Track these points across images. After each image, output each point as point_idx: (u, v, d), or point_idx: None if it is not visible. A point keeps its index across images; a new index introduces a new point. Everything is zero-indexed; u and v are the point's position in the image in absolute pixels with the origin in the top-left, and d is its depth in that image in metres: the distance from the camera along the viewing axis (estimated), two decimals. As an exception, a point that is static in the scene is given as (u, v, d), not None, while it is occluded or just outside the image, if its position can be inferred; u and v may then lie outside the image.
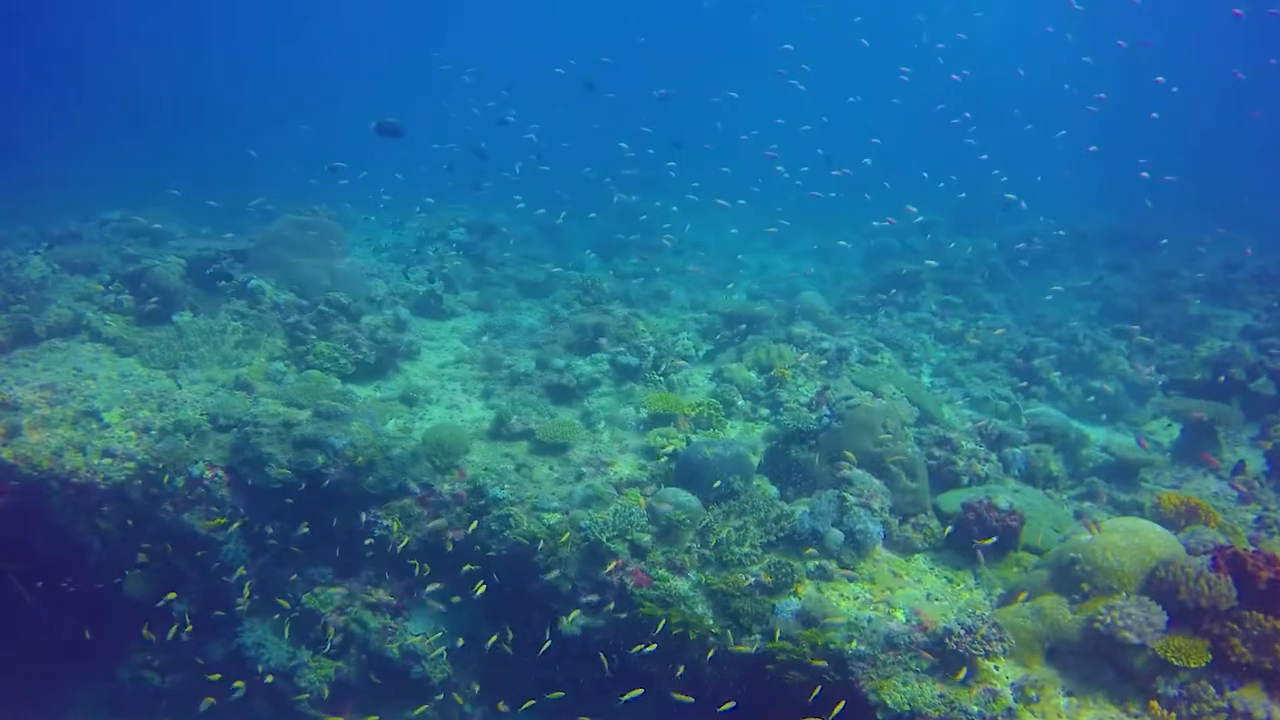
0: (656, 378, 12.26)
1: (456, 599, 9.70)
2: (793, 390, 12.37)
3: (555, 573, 9.11)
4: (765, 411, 12.19)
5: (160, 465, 9.77)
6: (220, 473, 10.00)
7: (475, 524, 9.68)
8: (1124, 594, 7.59)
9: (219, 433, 10.38)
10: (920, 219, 26.89)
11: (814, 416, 10.51)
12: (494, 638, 9.22)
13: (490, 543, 9.48)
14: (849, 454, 9.85)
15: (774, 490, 10.04)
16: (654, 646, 8.39)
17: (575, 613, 9.01)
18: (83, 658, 11.63)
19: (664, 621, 8.52)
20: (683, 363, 12.72)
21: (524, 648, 9.56)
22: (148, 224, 19.74)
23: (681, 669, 8.48)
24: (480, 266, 18.55)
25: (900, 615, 8.11)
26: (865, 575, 8.99)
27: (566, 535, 9.19)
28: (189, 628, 9.89)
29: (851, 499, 9.28)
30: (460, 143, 17.77)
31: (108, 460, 10.09)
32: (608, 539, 9.02)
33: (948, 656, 7.37)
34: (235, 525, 9.75)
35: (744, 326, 14.89)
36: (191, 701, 10.72)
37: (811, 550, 9.01)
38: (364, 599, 9.97)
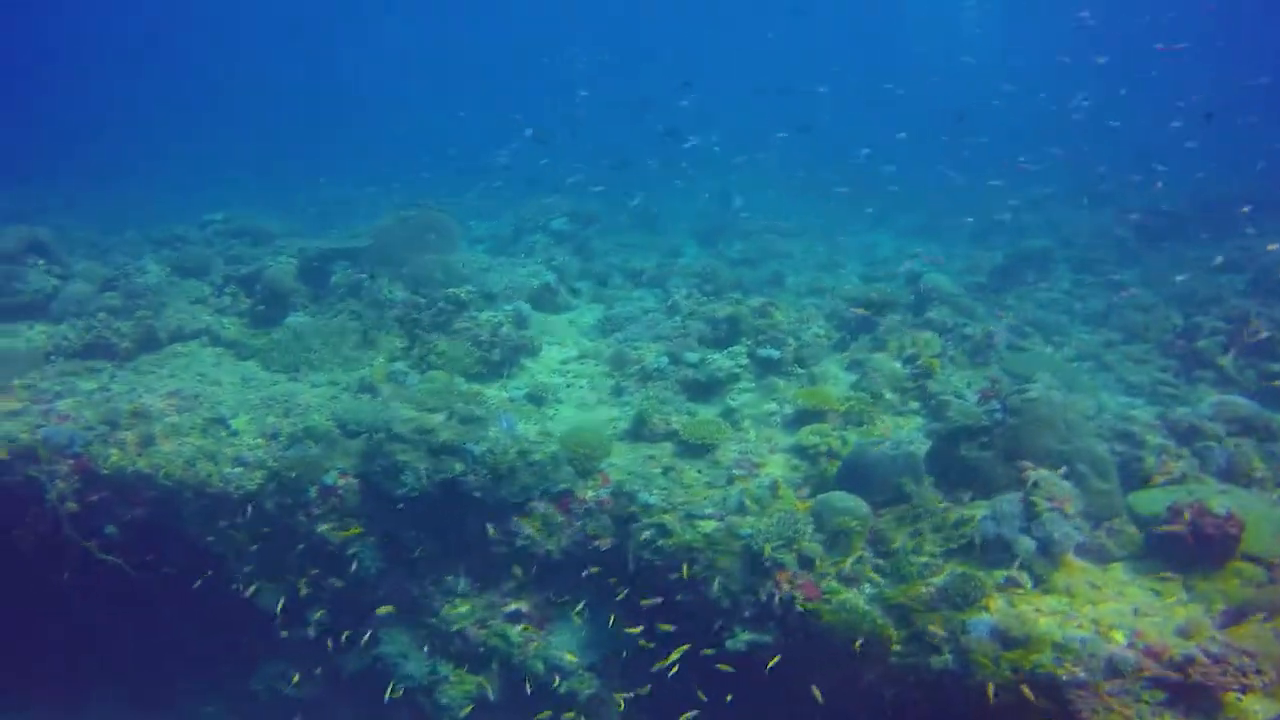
0: (798, 371, 11.47)
1: (603, 612, 9.16)
2: (943, 381, 11.45)
3: (716, 586, 8.43)
4: (915, 404, 11.30)
5: (293, 474, 9.38)
6: (352, 481, 9.58)
7: (623, 532, 9.08)
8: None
9: (348, 439, 9.96)
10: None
11: (983, 411, 9.62)
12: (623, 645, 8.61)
13: (641, 552, 8.85)
14: (1038, 450, 8.94)
15: (934, 495, 9.19)
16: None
17: (741, 630, 8.33)
18: (215, 667, 11.44)
19: (840, 636, 7.82)
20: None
21: (681, 666, 8.95)
22: (250, 224, 19.73)
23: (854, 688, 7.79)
24: (585, 257, 17.97)
25: (1120, 636, 7.21)
26: (1060, 587, 8.09)
27: (726, 545, 8.51)
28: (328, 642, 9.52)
29: (1042, 503, 8.38)
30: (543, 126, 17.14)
31: (239, 469, 9.77)
32: (772, 549, 8.32)
33: (1189, 690, 6.47)
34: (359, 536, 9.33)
35: (873, 312, 13.99)
36: (326, 711, 10.44)
37: (999, 559, 8.17)
38: (505, 611, 9.46)
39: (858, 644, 7.76)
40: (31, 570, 9.96)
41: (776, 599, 8.30)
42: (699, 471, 9.66)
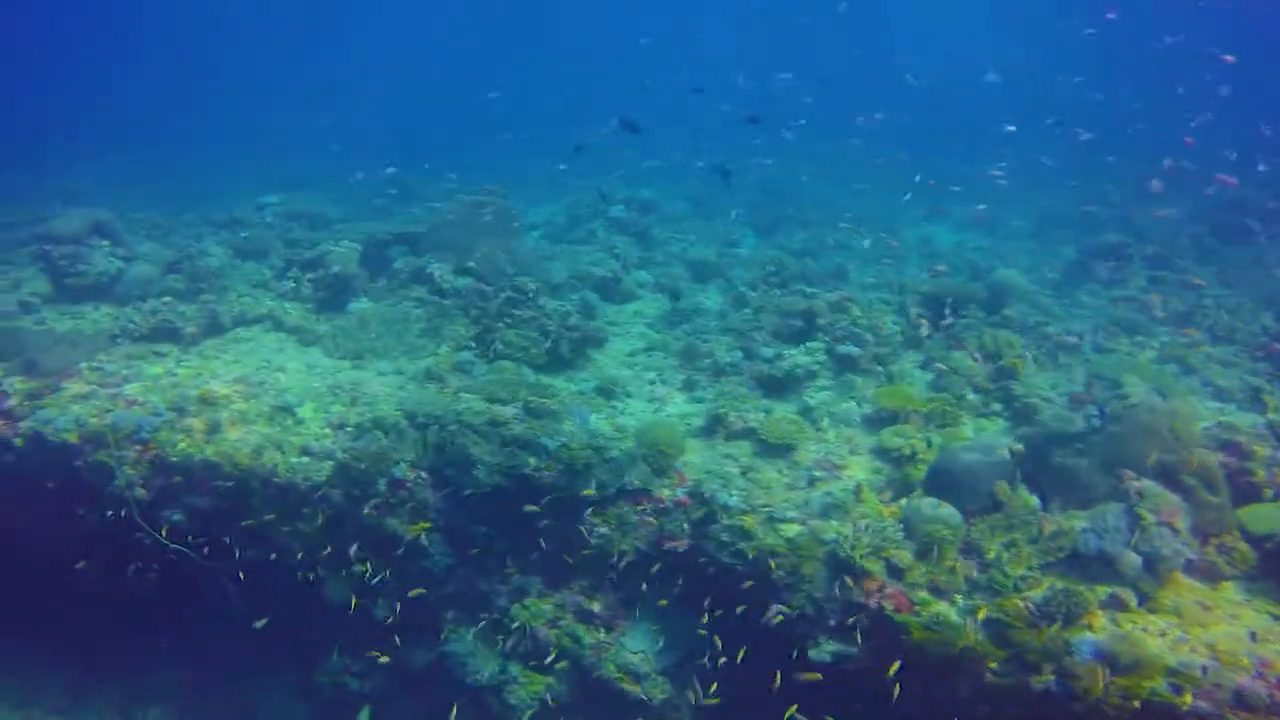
0: (876, 369, 11.06)
1: (677, 614, 8.87)
2: (1027, 383, 10.97)
3: (800, 593, 8.09)
4: (998, 406, 10.84)
5: (361, 466, 9.16)
6: (422, 474, 9.35)
7: (700, 534, 8.77)
8: None
9: (417, 430, 9.73)
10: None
11: (1077, 416, 9.16)
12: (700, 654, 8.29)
13: (720, 555, 8.53)
14: (1140, 459, 8.48)
15: (1035, 500, 8.75)
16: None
17: (825, 640, 8.00)
18: (278, 657, 11.32)
19: (934, 650, 7.45)
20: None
21: (755, 672, 8.63)
22: (306, 208, 19.63)
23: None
24: (645, 245, 17.61)
25: (1247, 664, 6.76)
26: (1168, 606, 7.65)
27: (810, 550, 8.17)
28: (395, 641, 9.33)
29: (1148, 516, 7.93)
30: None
31: (306, 459, 9.57)
32: (860, 556, 7.96)
33: (1330, 725, 6.03)
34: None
35: (946, 308, 13.50)
36: (391, 706, 10.27)
37: (1101, 575, 7.75)
38: (577, 611, 9.19)
39: (951, 659, 7.41)
40: (96, 553, 9.87)
41: (864, 609, 7.96)
42: (779, 472, 9.32)
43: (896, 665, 7.42)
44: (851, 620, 7.96)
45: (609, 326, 13.01)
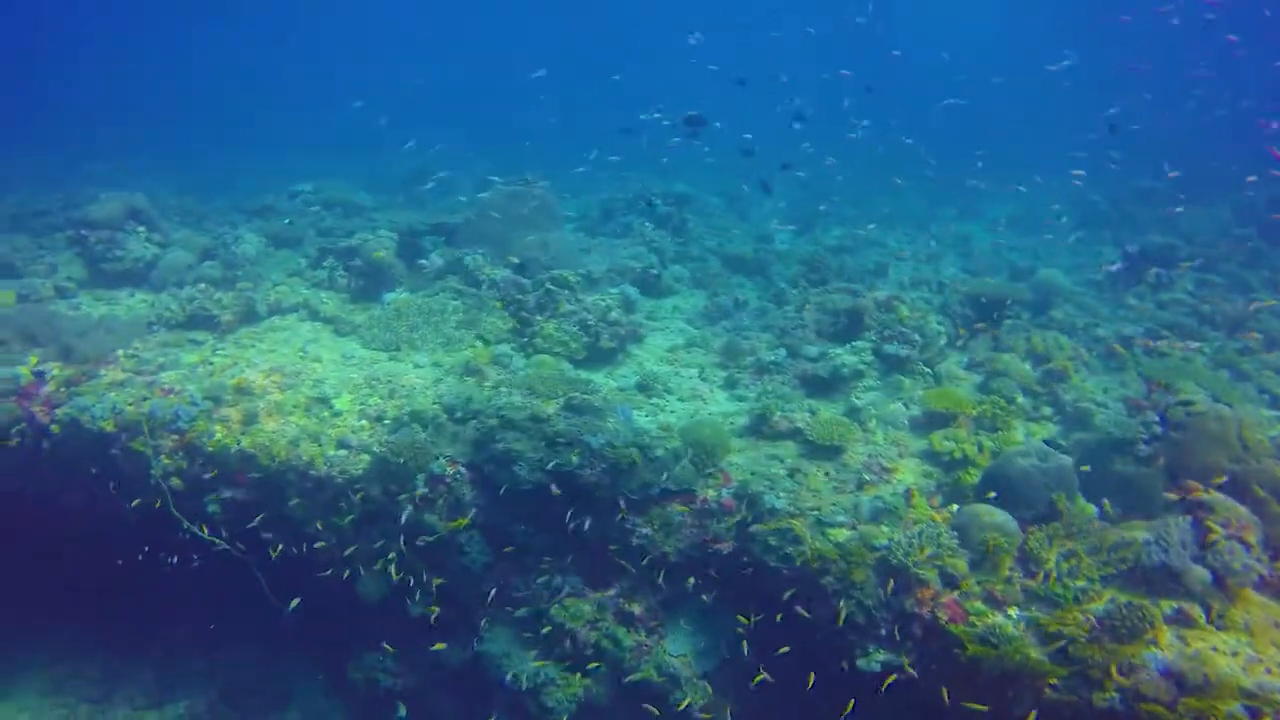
0: (924, 369, 10.77)
1: (720, 617, 8.65)
2: (1078, 386, 10.66)
3: (851, 600, 7.83)
4: (1048, 410, 10.53)
5: (400, 460, 8.97)
6: (461, 469, 9.15)
7: (745, 536, 8.54)
8: None
9: (456, 425, 9.55)
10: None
11: (1137, 422, 8.84)
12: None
13: (767, 559, 8.28)
14: (1206, 469, 8.16)
15: (1092, 509, 8.45)
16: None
17: (875, 649, 7.75)
18: (310, 648, 11.22)
19: (987, 663, 7.18)
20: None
21: (800, 680, 8.40)
22: (339, 195, 19.51)
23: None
24: (682, 240, 17.35)
25: (1329, 689, 6.46)
26: (1238, 624, 7.34)
27: (861, 556, 7.91)
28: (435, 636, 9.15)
29: (1218, 529, 7.62)
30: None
31: (343, 452, 9.41)
32: (914, 563, 7.69)
33: None
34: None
35: (990, 307, 13.17)
36: (426, 704, 10.12)
37: (1167, 589, 7.45)
38: (617, 613, 8.98)
39: (1008, 673, 7.14)
40: (131, 542, 9.75)
41: (917, 618, 7.70)
42: (826, 475, 9.05)
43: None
44: (902, 629, 7.72)
45: (648, 321, 12.78)
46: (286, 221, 15.33)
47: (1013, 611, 7.55)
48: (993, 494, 8.29)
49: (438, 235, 14.64)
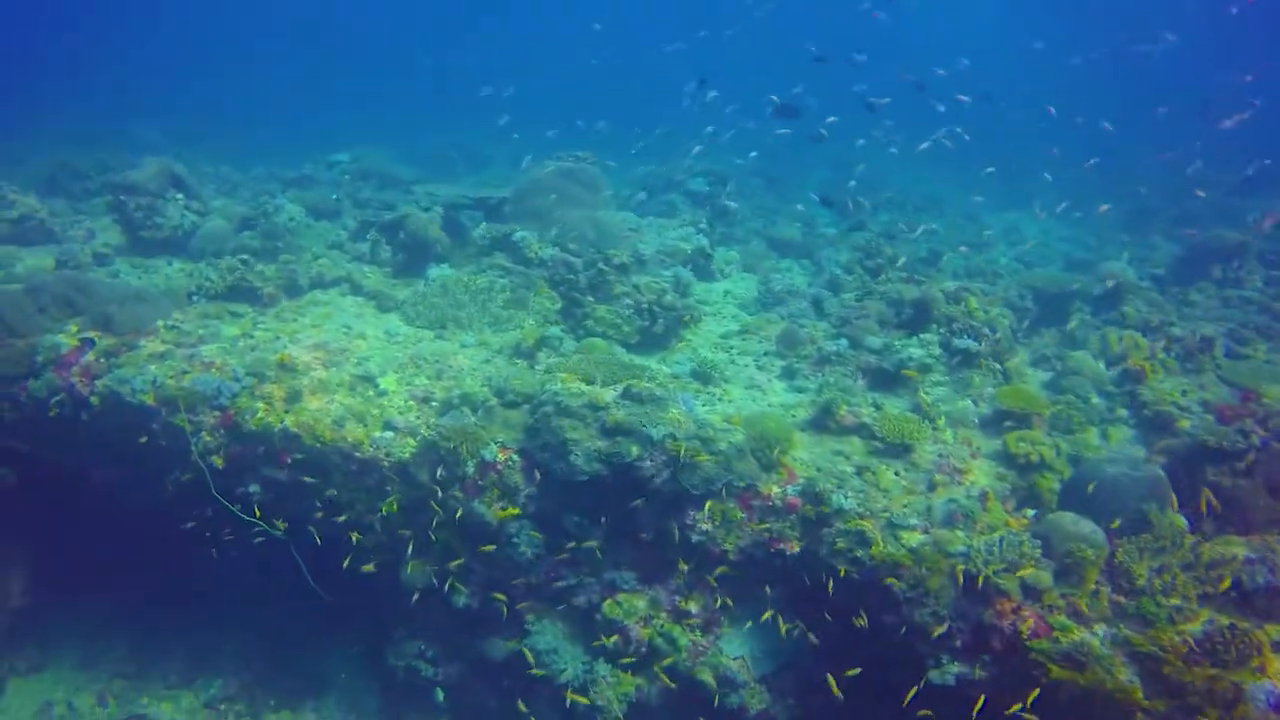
0: (993, 365, 10.29)
1: (780, 620, 8.27)
2: (1157, 388, 10.14)
3: (924, 608, 7.43)
4: (1122, 412, 10.03)
5: (450, 445, 8.60)
6: (513, 456, 8.78)
7: (811, 537, 8.14)
8: None
9: (507, 409, 9.17)
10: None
11: (1233, 431, 8.35)
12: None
13: (835, 562, 7.88)
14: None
15: (1183, 522, 7.97)
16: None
17: (949, 661, 7.35)
18: (347, 633, 10.97)
19: (1072, 682, 6.76)
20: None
21: (864, 690, 8.02)
22: (377, 167, 19.15)
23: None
24: (726, 221, 16.87)
25: None
26: (1351, 653, 6.88)
27: (935, 563, 7.49)
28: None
29: (1326, 549, 7.14)
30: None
31: (389, 434, 9.05)
32: (994, 572, 7.26)
33: None
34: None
35: (1056, 301, 12.66)
36: (467, 696, 9.83)
37: (1272, 612, 6.99)
38: (672, 611, 8.61)
39: (1094, 695, 6.73)
40: (167, 518, 9.47)
41: (996, 630, 7.28)
42: (896, 474, 8.62)
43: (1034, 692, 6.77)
44: (980, 642, 7.31)
45: (699, 306, 12.34)
46: (334, 198, 14.95)
47: (1099, 629, 7.12)
48: (1091, 487, 7.81)
49: (480, 210, 14.25)
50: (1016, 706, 6.74)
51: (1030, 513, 8.33)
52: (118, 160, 17.50)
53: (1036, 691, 6.80)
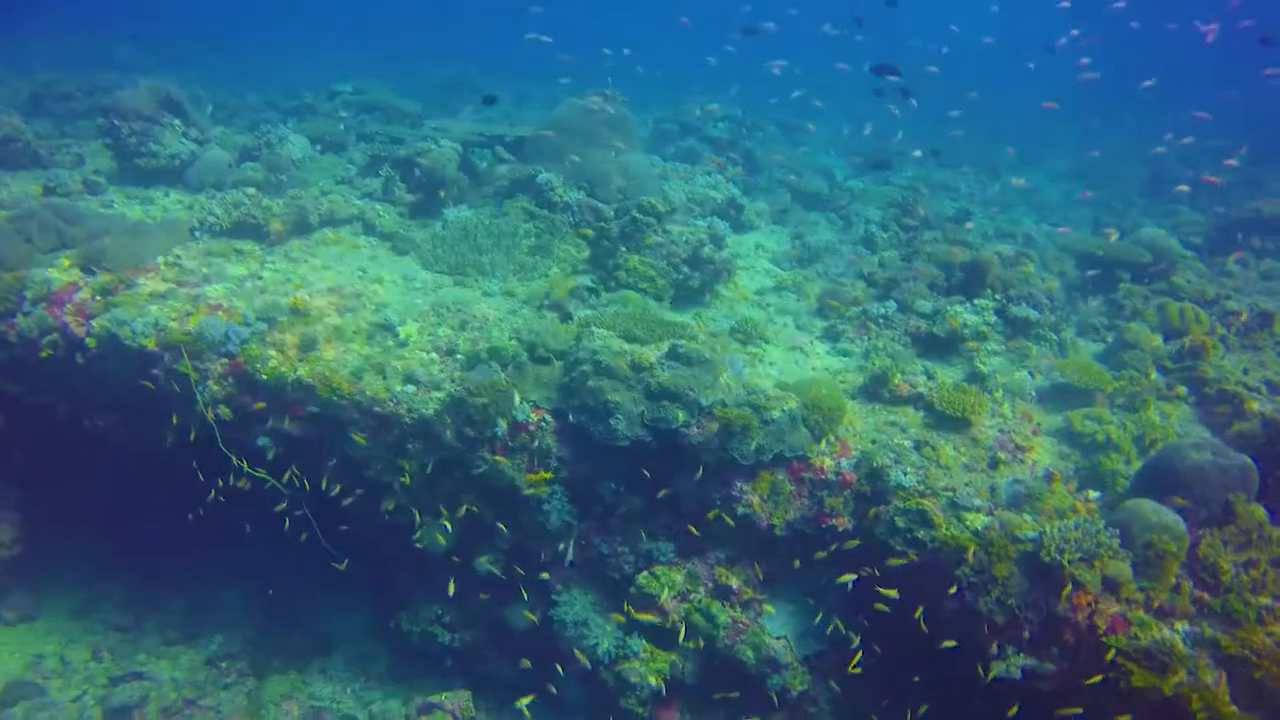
0: (1050, 335, 9.74)
1: (827, 600, 7.83)
2: (1218, 366, 9.64)
3: (990, 596, 6.96)
4: (1182, 390, 9.53)
5: (480, 402, 7.97)
6: (547, 417, 8.18)
7: (865, 514, 7.64)
8: None
9: (538, 365, 8.55)
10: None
11: (1314, 414, 7.87)
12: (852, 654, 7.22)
13: (892, 541, 7.38)
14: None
15: (1263, 513, 7.51)
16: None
17: (1015, 653, 6.91)
18: (357, 592, 10.48)
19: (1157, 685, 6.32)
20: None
21: (911, 678, 7.61)
22: (381, 99, 18.19)
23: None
24: (750, 170, 16.12)
25: None
26: None
27: (1003, 548, 7.01)
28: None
29: None
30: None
31: (411, 388, 8.41)
32: (1068, 561, 6.78)
33: None
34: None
35: (1103, 268, 12.08)
36: (486, 665, 9.38)
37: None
38: (712, 585, 8.12)
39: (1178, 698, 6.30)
40: (169, 466, 8.85)
41: (1069, 624, 6.83)
42: (955, 450, 8.10)
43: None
44: (1050, 634, 6.87)
45: (734, 260, 11.69)
46: (341, 127, 14.06)
47: (1181, 626, 6.68)
48: (1143, 489, 7.34)
49: (489, 148, 13.46)
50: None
51: (1094, 495, 7.87)
52: (106, 81, 16.48)
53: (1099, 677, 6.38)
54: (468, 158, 12.99)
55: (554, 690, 8.37)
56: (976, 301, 9.68)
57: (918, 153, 18.52)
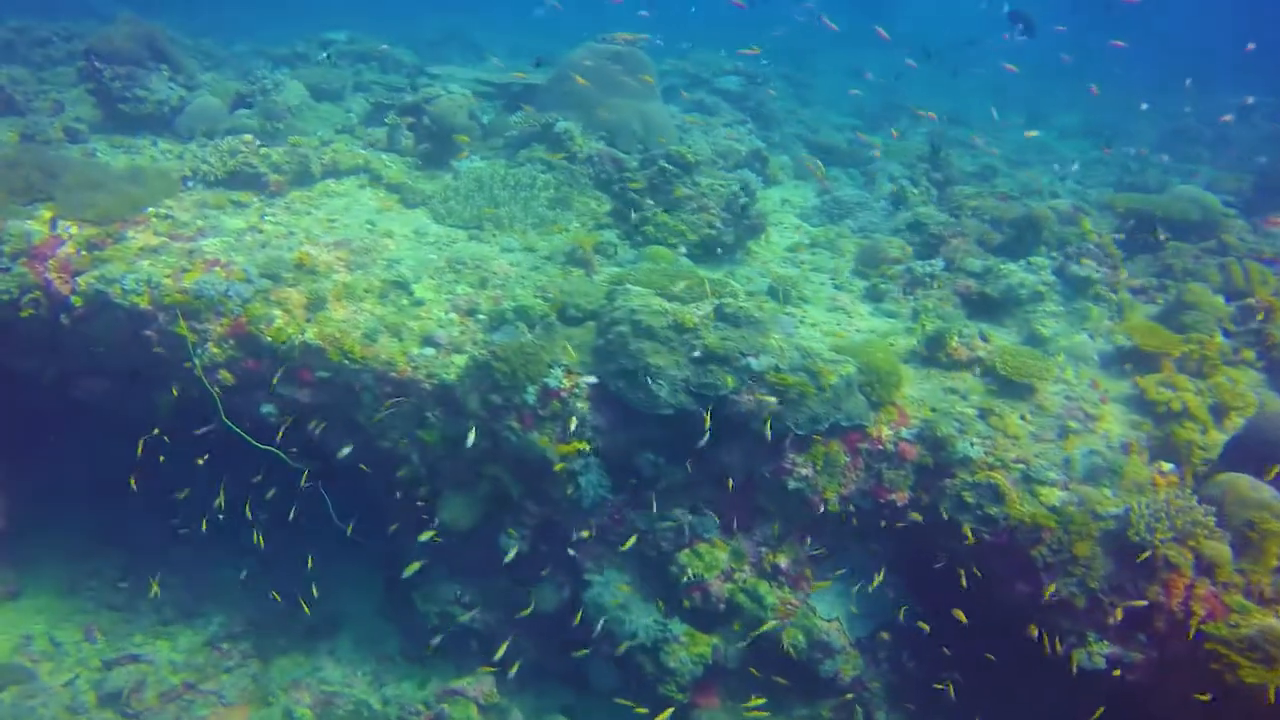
0: (1110, 296, 9.14)
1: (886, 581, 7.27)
2: (1285, 327, 9.08)
3: (1070, 578, 6.41)
4: (1249, 354, 8.98)
5: (507, 367, 7.31)
6: (580, 382, 7.52)
7: (928, 488, 7.07)
8: None
9: (568, 326, 7.89)
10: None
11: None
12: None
13: (960, 517, 6.82)
14: None
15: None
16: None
17: (1097, 640, 6.38)
18: (367, 568, 9.85)
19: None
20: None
21: (979, 668, 7.08)
22: (376, 48, 17.29)
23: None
24: (764, 124, 15.38)
25: None
26: None
27: (1083, 525, 6.46)
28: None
29: None
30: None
31: (430, 351, 7.74)
32: (1160, 540, 6.24)
33: None
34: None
35: (1146, 226, 11.46)
36: (510, 648, 8.77)
37: None
38: (759, 564, 7.55)
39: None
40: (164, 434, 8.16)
41: (1161, 609, 6.30)
42: (1022, 418, 7.50)
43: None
44: (1140, 621, 6.34)
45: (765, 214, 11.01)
46: (324, 55, 13.19)
47: (1280, 610, 6.16)
48: (1232, 463, 6.79)
49: (498, 99, 12.67)
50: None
51: (1168, 467, 7.31)
52: (85, 30, 15.49)
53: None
54: (470, 109, 12.21)
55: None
56: (1032, 259, 9.06)
57: (932, 114, 17.91)
